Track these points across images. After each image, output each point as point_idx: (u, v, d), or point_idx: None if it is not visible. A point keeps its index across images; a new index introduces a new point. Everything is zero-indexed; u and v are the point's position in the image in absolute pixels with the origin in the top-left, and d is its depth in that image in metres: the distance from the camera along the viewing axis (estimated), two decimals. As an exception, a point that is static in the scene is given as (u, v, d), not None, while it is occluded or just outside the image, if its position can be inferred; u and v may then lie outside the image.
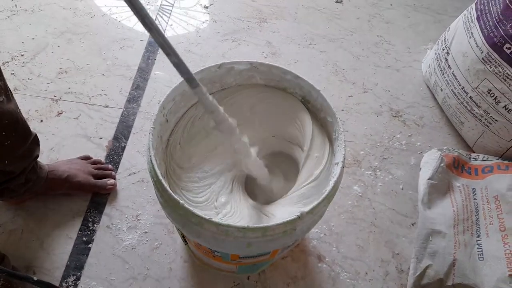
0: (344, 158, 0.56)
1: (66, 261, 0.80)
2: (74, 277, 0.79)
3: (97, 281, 0.79)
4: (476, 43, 0.90)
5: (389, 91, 1.16)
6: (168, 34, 1.25)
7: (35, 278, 0.37)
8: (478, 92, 0.92)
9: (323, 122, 0.65)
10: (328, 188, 0.53)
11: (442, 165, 0.89)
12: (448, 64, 1.02)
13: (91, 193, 0.88)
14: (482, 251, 0.75)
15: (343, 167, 0.55)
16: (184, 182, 0.61)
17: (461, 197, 0.86)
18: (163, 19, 1.29)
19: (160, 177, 0.50)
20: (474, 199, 0.86)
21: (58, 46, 1.18)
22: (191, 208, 0.48)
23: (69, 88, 1.08)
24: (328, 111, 0.61)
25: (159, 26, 0.48)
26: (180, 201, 0.48)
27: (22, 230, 0.83)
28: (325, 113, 0.62)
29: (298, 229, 0.52)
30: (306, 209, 0.50)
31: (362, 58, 1.24)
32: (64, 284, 0.78)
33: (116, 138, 0.99)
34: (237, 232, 0.48)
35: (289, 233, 0.52)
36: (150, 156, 0.52)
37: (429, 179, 0.87)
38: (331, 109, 0.60)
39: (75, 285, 0.78)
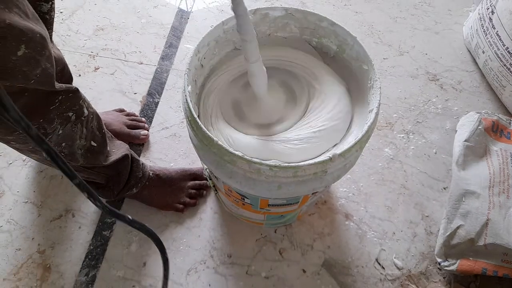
0: (379, 105, 0.55)
1: (102, 206, 0.84)
2: (110, 220, 0.83)
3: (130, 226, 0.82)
4: (526, 0, 0.85)
5: (426, 54, 1.12)
6: (201, -7, 1.25)
7: (130, 217, 0.39)
8: (524, 52, 0.87)
9: (357, 71, 0.63)
10: (362, 132, 0.52)
11: (480, 127, 0.86)
12: (492, 24, 0.96)
13: (126, 143, 0.91)
14: (517, 213, 0.73)
15: (377, 113, 0.54)
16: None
17: (498, 160, 0.83)
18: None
19: (195, 116, 0.51)
20: (512, 163, 0.83)
21: (95, 4, 1.20)
22: (224, 145, 0.49)
23: (106, 45, 1.10)
24: (364, 58, 0.60)
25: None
26: (214, 138, 0.49)
27: (62, 176, 0.88)
28: (361, 61, 0.61)
29: (329, 173, 0.52)
30: (338, 151, 0.50)
31: (400, 20, 1.19)
32: (99, 223, 0.82)
33: (150, 93, 1.01)
34: (269, 171, 0.49)
35: (320, 176, 0.52)
36: (186, 95, 0.53)
37: (465, 141, 0.85)
38: (368, 56, 0.58)
39: (111, 229, 0.82)
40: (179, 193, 0.84)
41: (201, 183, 0.86)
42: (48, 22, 0.59)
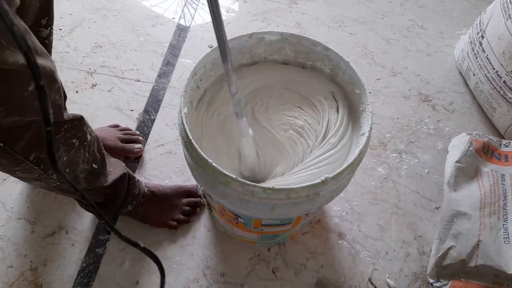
0: (371, 129, 0.56)
1: (96, 222, 0.84)
2: (104, 238, 0.83)
3: (124, 244, 0.82)
4: (514, 25, 0.87)
5: (419, 75, 1.15)
6: (199, 11, 1.27)
7: (142, 245, 0.40)
8: (513, 76, 0.90)
9: (350, 94, 0.65)
10: (354, 156, 0.53)
11: (471, 149, 0.88)
12: (482, 48, 0.99)
13: (121, 157, 0.92)
14: (508, 234, 0.74)
15: (369, 136, 0.56)
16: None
17: (489, 181, 0.84)
18: (194, -2, 1.31)
19: (191, 137, 0.52)
20: (503, 184, 0.84)
21: (94, 22, 1.22)
22: (218, 167, 0.50)
23: (103, 62, 1.12)
24: (356, 83, 0.61)
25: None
26: (209, 160, 0.50)
27: (56, 194, 0.88)
28: (353, 85, 0.62)
29: (321, 195, 0.53)
30: (330, 174, 0.51)
31: (393, 42, 1.22)
32: (93, 241, 0.82)
33: (146, 111, 1.02)
34: (262, 193, 0.50)
35: (312, 198, 0.53)
36: (182, 117, 0.54)
37: (456, 162, 0.86)
38: (360, 80, 0.60)
39: (105, 246, 0.82)
40: (173, 210, 0.84)
41: (196, 200, 0.86)
42: (48, 47, 0.61)
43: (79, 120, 0.57)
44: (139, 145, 0.93)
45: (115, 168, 0.73)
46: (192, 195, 0.87)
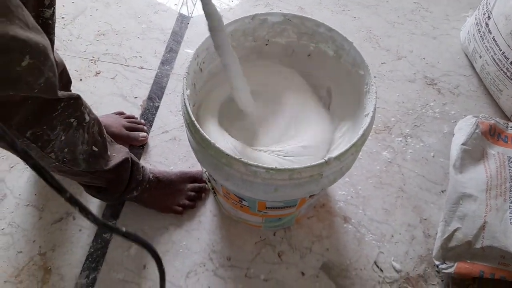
0: (375, 109, 0.56)
1: (103, 209, 0.85)
2: (111, 223, 0.83)
3: (131, 229, 0.83)
4: (521, 5, 0.86)
5: (424, 58, 1.13)
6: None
7: (124, 229, 0.39)
8: (520, 57, 0.88)
9: (354, 76, 0.64)
10: (357, 136, 0.53)
11: (477, 131, 0.87)
12: (488, 29, 0.97)
13: (126, 145, 0.92)
14: (514, 215, 0.74)
15: (373, 117, 0.55)
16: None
17: (496, 164, 0.83)
18: (196, -15, 1.30)
19: (193, 119, 0.52)
20: (509, 167, 0.83)
21: (96, 10, 1.21)
22: (221, 148, 0.50)
23: (107, 50, 1.12)
24: (360, 64, 0.61)
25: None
26: (211, 141, 0.50)
27: (63, 179, 0.89)
28: (357, 67, 0.62)
29: (325, 176, 0.53)
30: (334, 154, 0.51)
31: (397, 25, 1.21)
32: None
33: (150, 98, 1.03)
34: (265, 173, 0.50)
35: (316, 179, 0.53)
36: (184, 99, 0.54)
37: (462, 144, 0.85)
38: (364, 61, 0.59)
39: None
40: (179, 196, 0.84)
41: (200, 185, 0.87)
42: (51, 27, 0.60)
43: (76, 100, 0.57)
44: (144, 133, 0.93)
45: (118, 153, 0.73)
46: (197, 180, 0.87)
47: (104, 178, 0.72)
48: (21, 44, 0.41)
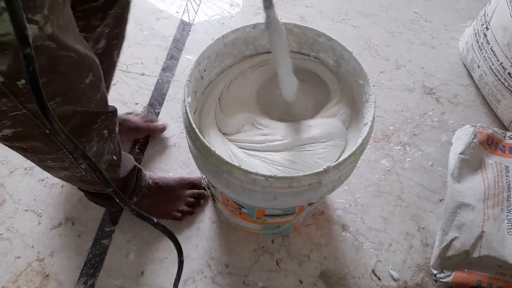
0: (373, 118, 0.57)
1: (102, 214, 0.85)
2: (109, 229, 0.83)
3: (129, 235, 0.83)
4: (519, 16, 0.87)
5: (423, 68, 1.14)
6: (202, 6, 1.27)
7: (155, 220, 0.42)
8: (518, 68, 0.89)
9: (354, 85, 0.65)
10: (356, 145, 0.54)
11: (475, 141, 0.88)
12: (486, 40, 0.99)
13: (144, 135, 0.95)
14: None
15: (372, 126, 0.56)
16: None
17: (493, 173, 0.84)
18: (198, -8, 1.32)
19: (194, 126, 0.52)
20: (507, 176, 0.84)
21: (98, 16, 1.22)
22: (221, 155, 0.51)
23: (108, 56, 1.12)
24: (360, 73, 0.61)
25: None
26: (212, 148, 0.51)
27: (63, 185, 0.89)
28: (357, 76, 0.63)
29: (323, 184, 0.54)
30: (332, 163, 0.52)
31: (397, 35, 1.22)
32: (99, 232, 0.83)
33: (151, 104, 1.03)
34: (264, 181, 0.50)
35: (315, 187, 0.53)
36: (185, 106, 0.54)
37: (460, 153, 0.86)
38: (363, 71, 0.60)
39: (110, 237, 0.83)
40: (178, 202, 0.85)
41: (200, 192, 0.87)
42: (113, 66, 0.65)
43: (113, 112, 0.58)
44: (162, 122, 0.95)
45: (127, 161, 0.73)
46: (196, 187, 0.87)
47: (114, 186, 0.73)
48: (89, 61, 0.43)
